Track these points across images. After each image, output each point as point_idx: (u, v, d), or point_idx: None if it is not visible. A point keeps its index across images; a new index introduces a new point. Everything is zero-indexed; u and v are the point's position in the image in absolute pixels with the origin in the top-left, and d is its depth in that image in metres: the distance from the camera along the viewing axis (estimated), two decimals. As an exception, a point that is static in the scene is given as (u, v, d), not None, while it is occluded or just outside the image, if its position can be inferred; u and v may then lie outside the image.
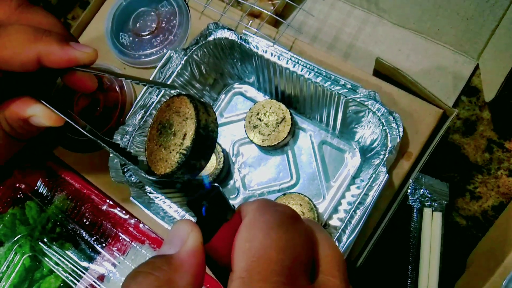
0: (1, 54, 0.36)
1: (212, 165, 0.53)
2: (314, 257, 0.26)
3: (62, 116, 0.38)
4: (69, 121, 0.37)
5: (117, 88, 0.55)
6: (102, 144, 0.37)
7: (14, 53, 0.36)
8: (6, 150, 0.42)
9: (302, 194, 0.50)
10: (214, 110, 0.58)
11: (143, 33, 0.58)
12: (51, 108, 0.38)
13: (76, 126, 0.37)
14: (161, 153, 0.35)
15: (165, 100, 0.44)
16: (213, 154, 0.54)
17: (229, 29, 0.51)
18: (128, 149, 0.51)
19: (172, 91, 0.49)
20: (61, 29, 0.41)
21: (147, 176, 0.38)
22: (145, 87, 0.51)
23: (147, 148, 0.37)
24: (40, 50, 0.36)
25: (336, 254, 0.27)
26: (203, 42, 0.52)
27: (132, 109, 0.50)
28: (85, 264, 0.55)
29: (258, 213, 0.25)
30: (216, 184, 0.28)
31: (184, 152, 0.33)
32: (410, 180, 0.46)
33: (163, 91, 0.52)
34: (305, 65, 0.48)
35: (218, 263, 0.25)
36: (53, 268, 0.56)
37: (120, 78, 0.36)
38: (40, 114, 0.38)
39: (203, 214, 0.26)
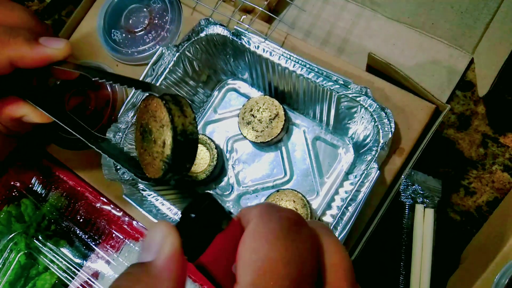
0: None
1: (206, 161, 0.53)
2: (320, 265, 0.24)
3: (49, 115, 0.39)
4: (56, 120, 0.38)
5: (108, 86, 0.55)
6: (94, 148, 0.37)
7: None
8: (4, 148, 0.45)
9: (295, 191, 0.50)
10: (208, 106, 0.58)
11: (135, 30, 0.58)
12: (37, 108, 0.39)
13: (63, 125, 0.37)
14: (148, 157, 0.35)
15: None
16: (207, 150, 0.53)
17: (221, 25, 0.50)
18: (121, 146, 0.51)
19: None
20: (34, 24, 0.41)
21: (140, 180, 0.39)
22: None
23: (136, 150, 0.37)
24: (10, 55, 0.36)
25: (343, 262, 0.25)
26: (195, 38, 0.51)
27: (124, 106, 0.50)
28: (79, 261, 0.55)
29: (262, 221, 0.24)
30: (210, 191, 0.28)
31: (166, 160, 0.33)
32: (402, 176, 0.46)
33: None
34: (297, 61, 0.48)
35: (214, 275, 0.25)
36: (48, 266, 0.56)
37: (94, 78, 0.36)
38: (30, 113, 0.40)
39: (197, 224, 0.25)
